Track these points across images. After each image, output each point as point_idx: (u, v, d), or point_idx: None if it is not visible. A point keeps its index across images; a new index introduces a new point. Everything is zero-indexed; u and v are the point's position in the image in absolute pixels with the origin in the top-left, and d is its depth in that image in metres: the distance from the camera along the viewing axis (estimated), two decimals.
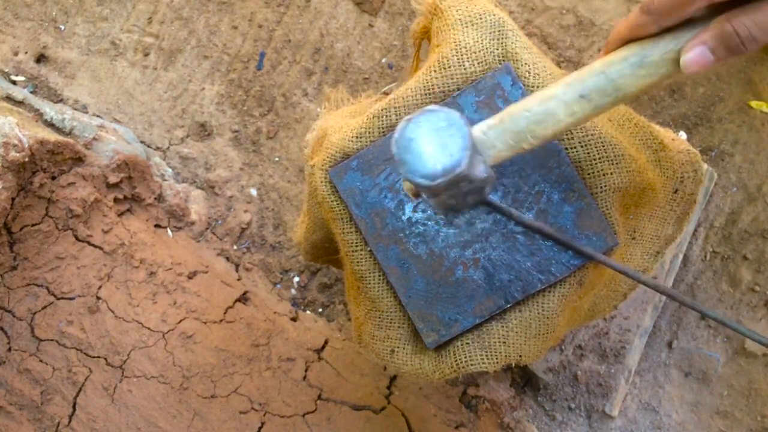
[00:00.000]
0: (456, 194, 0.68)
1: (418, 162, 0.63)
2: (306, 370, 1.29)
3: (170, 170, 1.46)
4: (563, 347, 1.28)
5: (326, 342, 1.32)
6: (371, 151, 0.86)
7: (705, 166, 1.18)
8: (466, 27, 0.84)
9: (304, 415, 1.26)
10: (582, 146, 0.82)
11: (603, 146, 0.81)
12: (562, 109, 0.67)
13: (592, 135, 0.82)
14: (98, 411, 1.25)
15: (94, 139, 1.36)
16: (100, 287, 1.29)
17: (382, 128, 0.86)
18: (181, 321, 1.30)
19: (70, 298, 1.28)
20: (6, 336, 1.25)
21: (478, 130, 0.69)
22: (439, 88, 0.84)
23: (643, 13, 0.63)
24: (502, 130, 0.68)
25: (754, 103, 1.28)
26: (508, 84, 0.82)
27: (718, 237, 1.30)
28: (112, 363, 1.27)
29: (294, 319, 1.35)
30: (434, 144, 0.63)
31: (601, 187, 0.82)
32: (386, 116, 0.86)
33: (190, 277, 1.33)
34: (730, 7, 0.59)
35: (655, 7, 0.62)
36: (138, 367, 1.27)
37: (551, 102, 0.67)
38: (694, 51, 0.61)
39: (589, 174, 0.82)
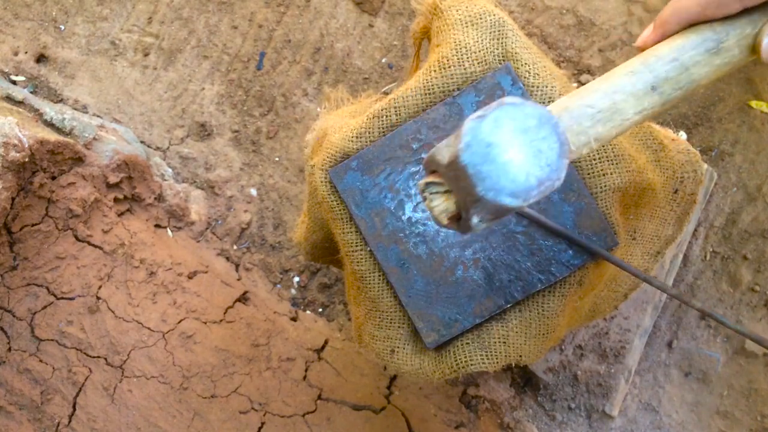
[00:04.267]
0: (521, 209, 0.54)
1: (505, 176, 0.46)
2: (306, 370, 1.29)
3: (170, 170, 1.46)
4: (563, 347, 1.28)
5: (326, 342, 1.32)
6: (371, 151, 0.86)
7: (705, 166, 1.18)
8: (466, 27, 0.84)
9: (304, 415, 1.26)
10: None
11: (603, 146, 0.81)
12: (631, 104, 0.55)
13: None
14: (98, 411, 1.25)
15: (94, 139, 1.36)
16: (100, 287, 1.29)
17: (382, 128, 0.86)
18: (181, 321, 1.30)
19: (70, 298, 1.28)
20: (6, 336, 1.25)
21: None
22: (439, 88, 0.84)
23: None
24: (567, 131, 0.54)
25: (754, 103, 1.28)
26: (508, 84, 0.82)
27: (718, 237, 1.30)
28: (112, 363, 1.27)
29: (294, 319, 1.35)
30: (524, 150, 0.46)
31: (601, 187, 0.82)
32: (386, 116, 0.86)
33: (190, 277, 1.33)
34: None
35: None
36: (138, 367, 1.27)
37: (618, 95, 0.55)
38: None
39: (589, 174, 0.82)
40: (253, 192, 1.45)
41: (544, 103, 0.82)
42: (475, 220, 0.52)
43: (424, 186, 0.55)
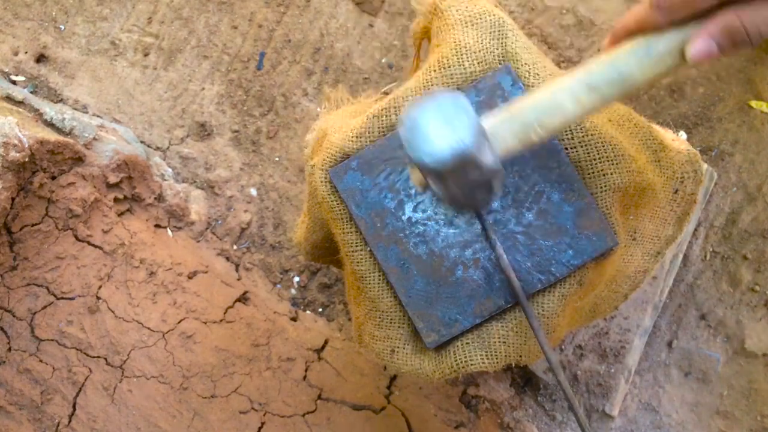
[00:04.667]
0: (464, 184, 0.67)
1: (425, 141, 0.62)
2: (306, 370, 1.29)
3: (170, 170, 1.46)
4: (563, 347, 1.28)
5: (326, 342, 1.32)
6: (371, 151, 0.86)
7: (705, 166, 1.18)
8: (466, 27, 0.84)
9: (304, 415, 1.26)
10: (582, 146, 0.82)
11: (603, 146, 0.81)
12: (569, 99, 0.67)
13: (592, 135, 0.82)
14: (98, 411, 1.25)
15: (94, 139, 1.36)
16: (100, 287, 1.29)
17: (382, 128, 0.86)
18: (181, 321, 1.30)
19: (70, 298, 1.28)
20: (6, 336, 1.25)
21: (487, 122, 0.69)
22: (439, 88, 0.84)
23: (653, 7, 0.63)
24: (510, 121, 0.68)
25: (754, 103, 1.28)
26: (508, 84, 0.82)
27: (718, 237, 1.30)
28: (112, 363, 1.27)
29: (294, 319, 1.35)
30: (441, 124, 0.62)
31: (601, 187, 0.82)
32: (386, 116, 0.86)
33: (190, 277, 1.33)
34: (737, 2, 0.60)
35: (666, 3, 0.62)
36: (138, 367, 1.27)
37: (559, 93, 0.68)
38: (701, 43, 0.62)
39: (589, 174, 0.82)
40: (253, 192, 1.45)
41: None
42: (431, 183, 0.69)
43: (409, 161, 0.69)
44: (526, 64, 0.83)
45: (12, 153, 1.15)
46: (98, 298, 1.29)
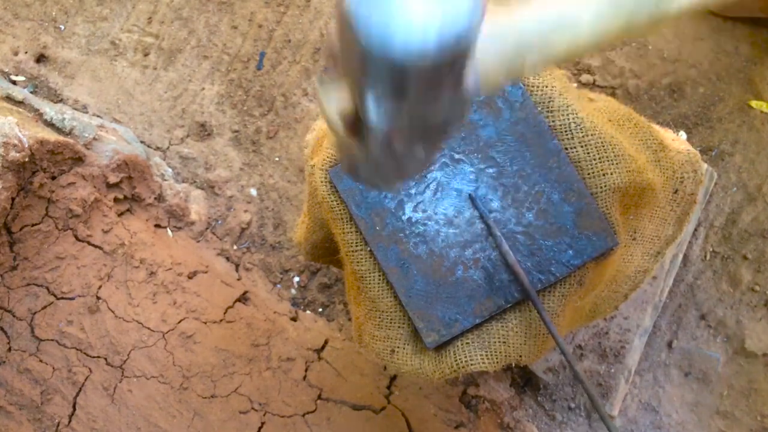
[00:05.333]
0: (422, 115, 0.43)
1: (397, 20, 0.35)
2: (306, 370, 1.29)
3: (170, 170, 1.46)
4: None
5: (326, 342, 1.32)
6: None
7: (705, 166, 1.18)
8: None
9: (304, 415, 1.26)
10: (582, 146, 0.82)
11: (603, 146, 0.81)
12: (587, 13, 0.48)
13: (592, 135, 0.82)
14: (98, 411, 1.25)
15: (94, 139, 1.36)
16: (100, 287, 1.29)
17: None
18: (181, 321, 1.30)
19: (70, 298, 1.28)
20: (6, 336, 1.25)
21: None
22: None
23: None
24: (501, 37, 0.47)
25: (754, 103, 1.28)
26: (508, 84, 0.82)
27: (718, 237, 1.30)
28: (112, 363, 1.27)
29: (294, 319, 1.35)
30: None
31: (601, 187, 0.82)
32: None
33: (190, 277, 1.33)
34: None
35: None
36: (138, 367, 1.26)
37: (574, 2, 0.48)
38: None
39: (589, 174, 0.82)
40: (253, 192, 1.44)
41: (543, 103, 0.82)
42: (371, 110, 0.40)
43: (319, 81, 0.44)
44: None
45: (12, 153, 1.15)
46: (98, 298, 1.29)
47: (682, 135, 1.29)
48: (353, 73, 0.39)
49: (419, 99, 0.40)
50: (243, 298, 1.34)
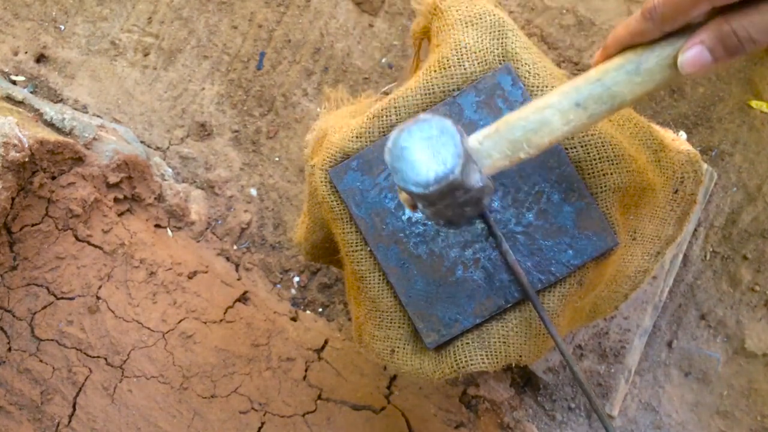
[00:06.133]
0: (452, 204, 0.67)
1: (411, 170, 0.63)
2: (306, 370, 1.29)
3: (170, 170, 1.46)
4: None
5: (326, 342, 1.32)
6: (371, 151, 0.86)
7: (705, 166, 1.18)
8: (466, 27, 0.84)
9: (304, 415, 1.26)
10: (582, 146, 0.82)
11: (603, 146, 0.81)
12: (557, 117, 0.66)
13: (591, 135, 0.82)
14: (98, 411, 1.25)
15: (94, 139, 1.36)
16: (100, 287, 1.29)
17: (382, 128, 0.86)
18: (181, 321, 1.30)
19: (70, 298, 1.28)
20: (6, 336, 1.25)
21: (474, 140, 0.68)
22: (439, 88, 0.84)
23: (645, 19, 0.62)
24: (498, 140, 0.68)
25: (754, 103, 1.28)
26: (508, 84, 0.82)
27: (718, 237, 1.30)
28: (112, 363, 1.27)
29: (294, 319, 1.35)
30: (426, 152, 0.63)
31: (601, 187, 0.82)
32: (386, 116, 0.86)
33: (190, 277, 1.33)
34: (729, 11, 0.59)
35: (657, 12, 0.61)
36: (138, 367, 1.27)
37: (547, 111, 0.67)
38: (692, 51, 0.60)
39: (589, 174, 0.82)
40: (253, 192, 1.45)
41: None
42: (419, 206, 0.70)
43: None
44: (526, 64, 0.83)
45: (12, 153, 1.15)
46: (98, 298, 1.29)
47: (682, 135, 1.29)
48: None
49: (441, 202, 0.66)
50: (243, 298, 1.34)
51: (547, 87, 0.82)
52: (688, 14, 0.60)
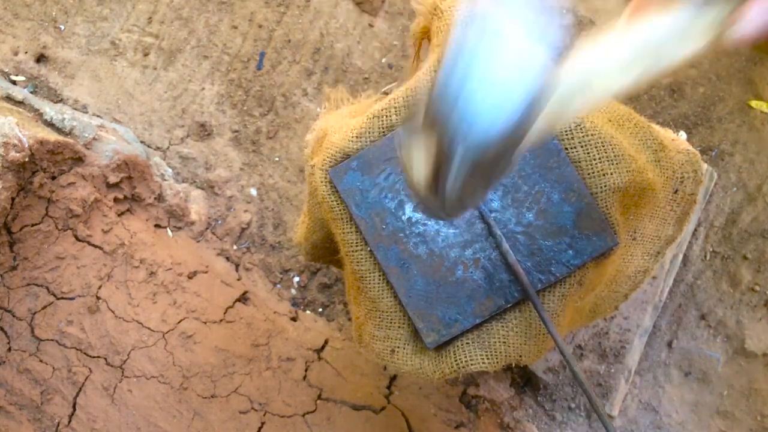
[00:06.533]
0: (481, 176, 0.53)
1: (474, 122, 0.45)
2: (306, 370, 1.29)
3: (170, 170, 1.46)
4: None
5: (326, 342, 1.32)
6: (371, 151, 0.86)
7: (705, 166, 1.18)
8: None
9: (304, 415, 1.26)
10: (582, 146, 0.82)
11: (603, 146, 0.81)
12: (598, 81, 0.57)
13: (592, 135, 0.82)
14: (98, 411, 1.25)
15: (94, 139, 1.36)
16: (100, 287, 1.29)
17: (382, 128, 0.86)
18: (181, 321, 1.30)
19: (70, 298, 1.28)
20: (6, 336, 1.25)
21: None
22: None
23: None
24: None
25: (754, 103, 1.28)
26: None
27: (718, 237, 1.30)
28: (112, 363, 1.27)
29: (294, 319, 1.35)
30: (505, 82, 0.44)
31: (601, 187, 0.82)
32: (386, 116, 0.86)
33: (190, 277, 1.33)
34: None
35: None
36: (138, 367, 1.26)
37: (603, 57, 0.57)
38: (755, 9, 0.53)
39: (589, 174, 0.82)
40: (253, 192, 1.45)
41: None
42: (450, 181, 0.51)
43: (407, 145, 0.54)
44: None
45: (12, 153, 1.15)
46: (98, 298, 1.29)
47: (682, 135, 1.29)
48: (436, 157, 0.50)
49: (485, 174, 0.53)
50: (243, 298, 1.34)
51: None
52: None
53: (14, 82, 1.50)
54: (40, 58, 1.53)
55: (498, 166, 0.53)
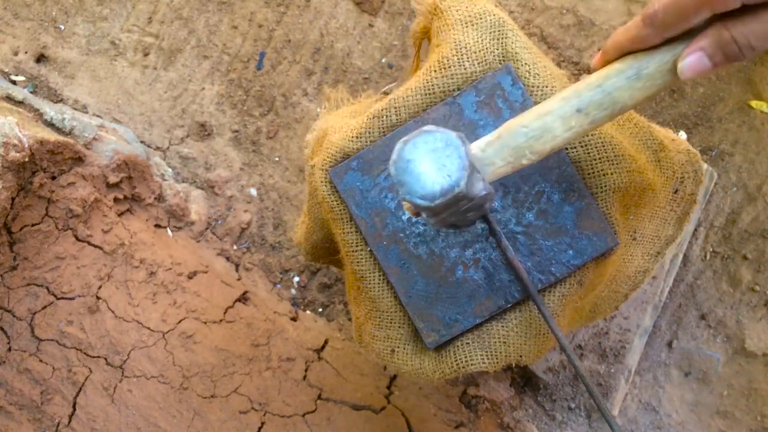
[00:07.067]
0: (456, 212, 0.68)
1: (417, 183, 0.63)
2: (306, 370, 1.29)
3: (170, 170, 1.46)
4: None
5: (326, 342, 1.32)
6: (371, 151, 0.86)
7: (705, 166, 1.18)
8: (466, 27, 0.84)
9: (304, 415, 1.26)
10: (582, 146, 0.82)
11: (603, 146, 0.81)
12: (559, 124, 0.67)
13: (592, 135, 0.82)
14: (98, 411, 1.25)
15: (94, 139, 1.36)
16: (100, 287, 1.29)
17: (382, 128, 0.86)
18: (181, 321, 1.30)
19: (70, 298, 1.28)
20: (6, 336, 1.25)
21: (476, 147, 0.69)
22: (439, 88, 0.84)
23: (645, 25, 0.62)
24: (501, 147, 0.68)
25: (754, 103, 1.28)
26: (508, 84, 0.82)
27: (718, 237, 1.30)
28: (112, 363, 1.27)
29: (294, 319, 1.35)
30: (432, 165, 0.63)
31: (601, 187, 0.82)
32: (386, 116, 0.86)
33: (190, 277, 1.33)
34: (729, 18, 0.59)
35: (659, 19, 0.61)
36: (138, 367, 1.27)
37: (548, 117, 0.67)
38: (692, 57, 0.61)
39: (589, 174, 0.82)
40: (253, 192, 1.45)
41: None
42: (423, 216, 0.70)
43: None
44: (526, 64, 0.83)
45: (12, 153, 1.15)
46: (98, 298, 1.29)
47: (682, 135, 1.29)
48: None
49: (445, 212, 0.67)
50: (243, 298, 1.34)
51: (547, 87, 0.82)
52: (689, 21, 0.60)
53: (14, 82, 1.50)
54: (40, 58, 1.53)
55: (459, 210, 0.67)
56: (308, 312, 1.39)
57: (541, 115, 0.67)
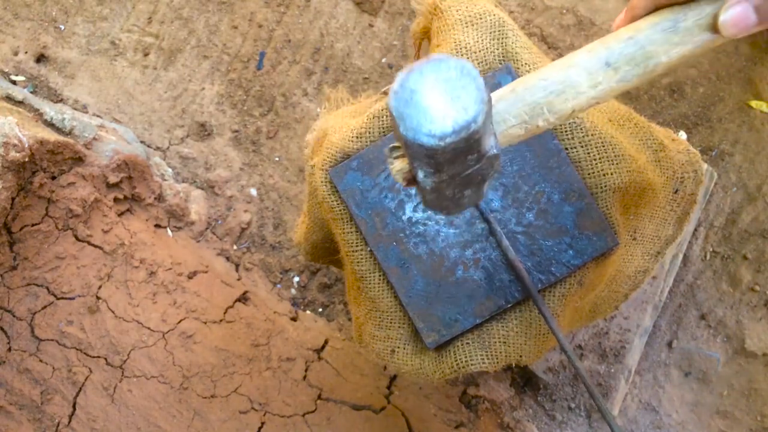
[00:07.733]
0: (460, 172, 0.56)
1: (423, 116, 0.50)
2: (306, 370, 1.29)
3: (170, 170, 1.46)
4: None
5: (326, 342, 1.32)
6: (371, 151, 0.86)
7: (705, 166, 1.18)
8: (466, 27, 0.84)
9: (304, 415, 1.26)
10: (582, 146, 0.82)
11: (603, 146, 0.81)
12: (584, 78, 0.57)
13: (592, 135, 0.82)
14: (98, 411, 1.25)
15: (94, 139, 1.36)
16: (100, 287, 1.29)
17: (382, 128, 0.86)
18: (181, 321, 1.30)
19: (70, 298, 1.28)
20: (6, 336, 1.25)
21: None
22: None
23: None
24: (515, 101, 0.58)
25: (754, 103, 1.28)
26: (508, 84, 0.82)
27: (718, 237, 1.30)
28: (112, 363, 1.27)
29: (294, 319, 1.35)
30: (444, 96, 0.50)
31: (602, 187, 0.82)
32: (386, 116, 0.86)
33: (190, 277, 1.33)
34: None
35: None
36: (138, 367, 1.27)
37: (572, 70, 0.58)
38: (737, 9, 0.54)
39: (589, 174, 0.82)
40: (253, 192, 1.45)
41: None
42: (420, 174, 0.56)
43: (389, 152, 0.60)
44: (526, 64, 0.83)
45: (12, 153, 1.15)
46: (98, 298, 1.29)
47: (682, 135, 1.29)
48: (404, 148, 0.55)
49: (450, 168, 0.54)
50: (243, 298, 1.34)
51: None
52: None
53: (14, 82, 1.50)
54: (40, 58, 1.53)
55: (464, 168, 0.56)
56: (308, 312, 1.39)
57: (564, 67, 0.58)
